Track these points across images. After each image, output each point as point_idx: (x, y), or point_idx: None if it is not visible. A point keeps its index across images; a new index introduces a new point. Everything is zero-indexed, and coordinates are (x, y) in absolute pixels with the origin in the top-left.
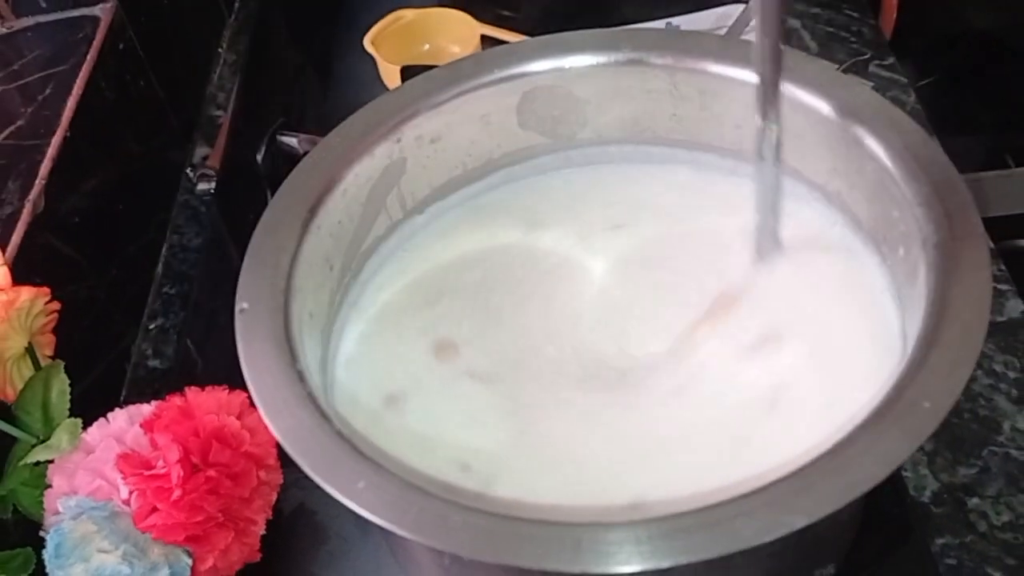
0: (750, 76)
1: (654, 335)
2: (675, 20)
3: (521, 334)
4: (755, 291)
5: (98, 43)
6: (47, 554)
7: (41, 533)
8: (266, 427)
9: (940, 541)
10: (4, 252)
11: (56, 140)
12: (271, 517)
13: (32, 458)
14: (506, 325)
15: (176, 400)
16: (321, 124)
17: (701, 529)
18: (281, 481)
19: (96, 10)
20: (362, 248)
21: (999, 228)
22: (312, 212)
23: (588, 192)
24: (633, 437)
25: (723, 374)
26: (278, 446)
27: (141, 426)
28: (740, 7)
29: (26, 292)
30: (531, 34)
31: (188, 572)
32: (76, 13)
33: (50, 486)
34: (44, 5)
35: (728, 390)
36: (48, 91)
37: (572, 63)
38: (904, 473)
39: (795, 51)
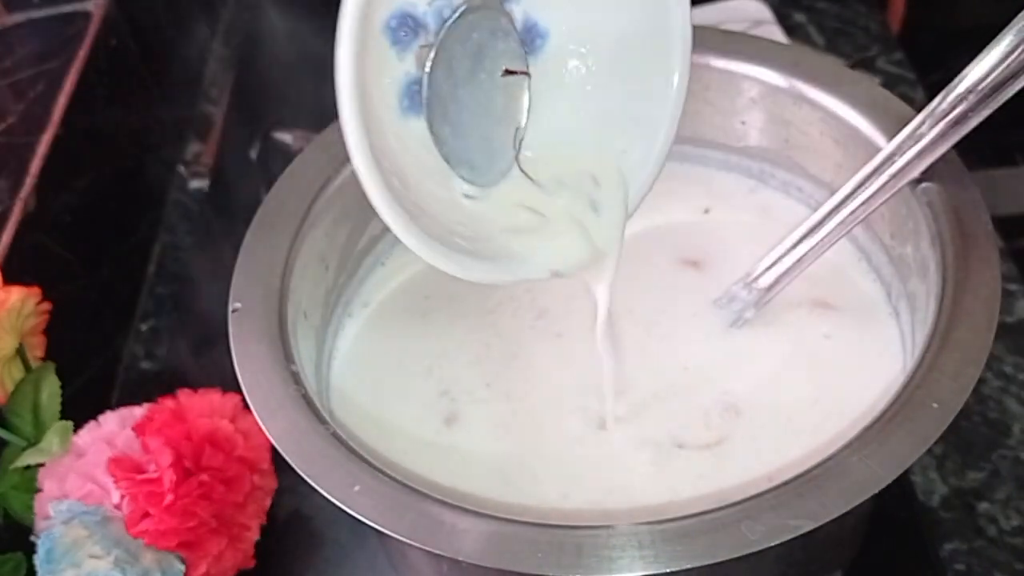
0: (753, 71)
1: (655, 329)
2: None
3: (520, 331)
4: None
5: (90, 39)
6: (38, 559)
7: (32, 538)
8: (260, 431)
9: (949, 546)
10: None
11: (47, 138)
12: (265, 523)
13: (22, 462)
14: (505, 322)
15: (168, 403)
16: (316, 121)
17: (705, 533)
18: (275, 486)
19: (88, 5)
20: (358, 247)
21: (1009, 227)
22: (307, 210)
23: None
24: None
25: (711, 376)
26: (272, 450)
27: (133, 429)
28: (745, 2)
29: (16, 292)
30: None
31: None
32: (68, 8)
33: (41, 490)
34: (36, 0)
35: (717, 392)
36: (39, 88)
37: None
38: (912, 477)
39: (802, 47)
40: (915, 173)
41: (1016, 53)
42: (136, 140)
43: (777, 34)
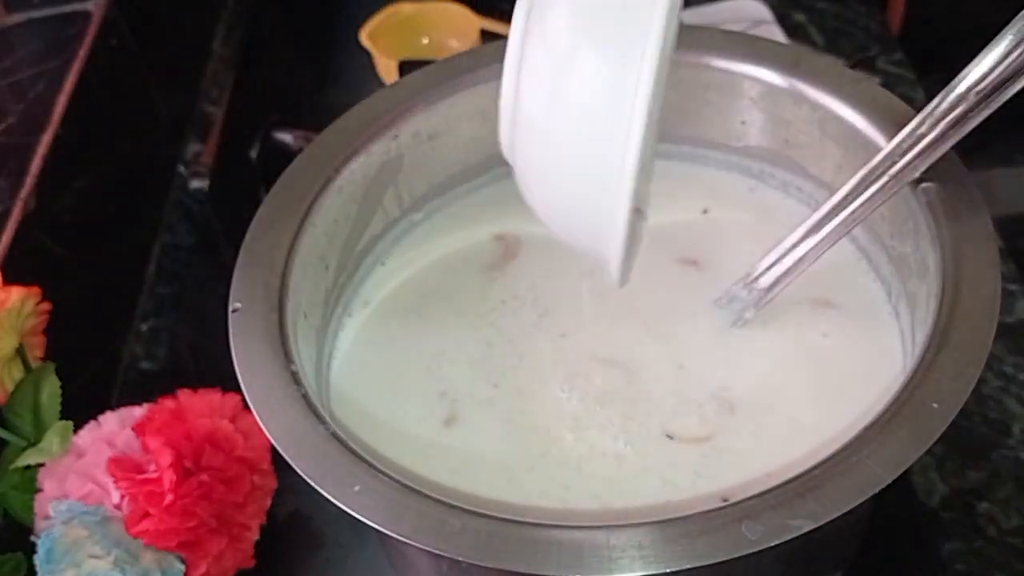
0: (753, 71)
1: (655, 327)
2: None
3: (523, 331)
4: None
5: (90, 39)
6: (38, 559)
7: (32, 538)
8: (260, 431)
9: (949, 546)
10: None
11: (47, 138)
12: (265, 523)
13: (23, 461)
14: (507, 321)
15: (168, 403)
16: (316, 121)
17: (705, 533)
18: (275, 486)
19: (88, 5)
20: (358, 247)
21: (1009, 227)
22: (307, 210)
23: None
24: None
25: (708, 374)
26: (272, 450)
27: (133, 429)
28: (745, 2)
29: (16, 292)
30: None
31: None
32: (68, 8)
33: (41, 490)
34: (36, 1)
35: (713, 389)
36: (39, 88)
37: None
38: (912, 477)
39: (802, 47)
40: (915, 173)
41: (1016, 53)
42: (136, 140)
43: (777, 34)
